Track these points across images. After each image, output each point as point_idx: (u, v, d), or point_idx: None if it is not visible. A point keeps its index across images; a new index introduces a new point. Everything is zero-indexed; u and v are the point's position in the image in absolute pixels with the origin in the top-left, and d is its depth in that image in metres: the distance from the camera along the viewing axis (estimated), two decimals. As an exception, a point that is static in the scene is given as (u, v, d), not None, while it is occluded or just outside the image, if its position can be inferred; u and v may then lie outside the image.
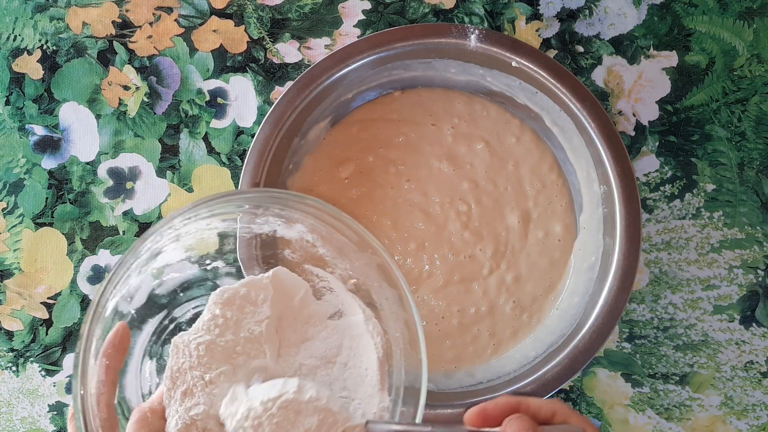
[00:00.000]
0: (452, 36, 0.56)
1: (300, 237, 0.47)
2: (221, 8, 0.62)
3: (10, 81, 0.62)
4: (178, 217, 0.41)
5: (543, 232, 0.59)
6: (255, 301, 0.46)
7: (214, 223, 0.46)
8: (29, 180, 0.61)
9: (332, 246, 0.46)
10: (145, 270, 0.45)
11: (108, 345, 0.40)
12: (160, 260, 0.45)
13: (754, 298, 0.60)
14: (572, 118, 0.56)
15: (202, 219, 0.44)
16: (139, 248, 0.41)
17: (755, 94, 0.62)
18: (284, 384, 0.40)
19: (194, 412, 0.41)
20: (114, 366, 0.40)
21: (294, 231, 0.47)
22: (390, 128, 0.60)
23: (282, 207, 0.45)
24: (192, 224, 0.44)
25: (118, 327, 0.41)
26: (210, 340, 0.43)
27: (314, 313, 0.48)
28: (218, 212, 0.44)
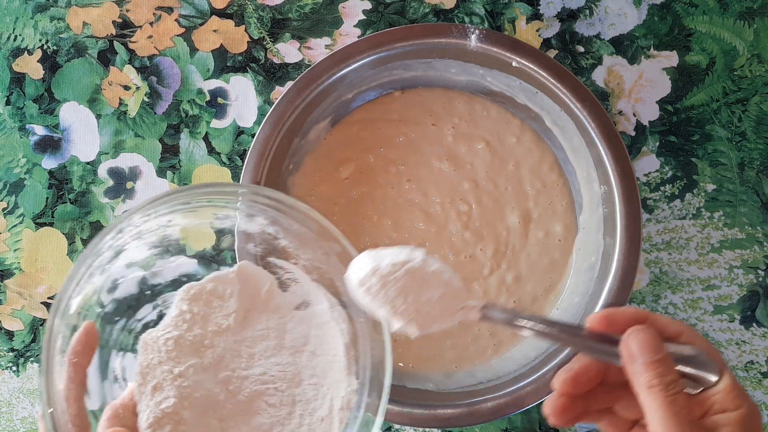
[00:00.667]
0: (452, 36, 0.56)
1: (261, 230, 0.48)
2: (221, 8, 0.62)
3: (10, 81, 0.62)
4: (136, 214, 0.42)
5: (543, 232, 0.59)
6: (222, 295, 0.47)
7: (175, 219, 0.46)
8: (29, 180, 0.61)
9: (293, 237, 0.47)
10: (108, 268, 0.45)
11: (76, 343, 0.40)
12: (123, 258, 0.46)
13: (754, 298, 0.60)
14: (572, 118, 0.56)
15: (163, 216, 0.44)
16: (98, 246, 0.41)
17: (755, 94, 0.62)
18: (411, 252, 0.41)
19: (164, 406, 0.42)
20: (82, 364, 0.40)
21: (255, 224, 0.48)
22: (390, 128, 0.60)
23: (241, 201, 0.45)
24: (153, 221, 0.44)
25: (85, 326, 0.42)
26: (178, 335, 0.45)
27: (281, 304, 0.49)
28: (178, 209, 0.44)
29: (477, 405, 0.53)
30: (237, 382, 0.45)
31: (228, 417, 0.44)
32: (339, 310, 0.47)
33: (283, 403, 0.45)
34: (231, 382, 0.45)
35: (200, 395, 0.44)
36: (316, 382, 0.46)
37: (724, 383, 0.35)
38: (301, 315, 0.48)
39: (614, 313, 0.37)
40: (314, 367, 0.47)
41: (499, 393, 0.53)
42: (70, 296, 0.41)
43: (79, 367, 0.40)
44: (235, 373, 0.46)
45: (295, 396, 0.46)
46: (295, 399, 0.46)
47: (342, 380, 0.45)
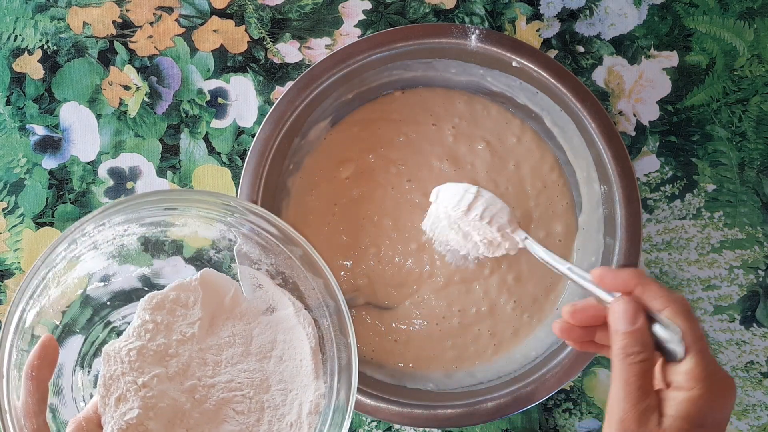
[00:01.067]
0: (453, 36, 0.56)
1: (221, 236, 0.48)
2: (222, 8, 0.62)
3: (10, 81, 0.62)
4: (88, 223, 0.41)
5: (544, 232, 0.59)
6: (186, 303, 0.47)
7: (132, 228, 0.46)
8: (30, 180, 0.61)
9: (254, 243, 0.47)
10: (65, 280, 0.45)
11: (34, 357, 0.40)
12: (80, 269, 0.45)
13: (754, 298, 0.60)
14: (573, 118, 0.56)
15: (119, 225, 0.44)
16: (50, 256, 0.41)
17: (756, 94, 0.62)
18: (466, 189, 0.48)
19: (129, 417, 0.42)
20: (42, 378, 0.40)
21: (215, 231, 0.48)
22: (390, 128, 0.60)
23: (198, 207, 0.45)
24: (108, 230, 0.44)
25: (43, 339, 0.41)
26: (141, 345, 0.44)
27: (246, 310, 0.49)
28: (133, 217, 0.44)
29: (477, 405, 0.53)
30: (203, 391, 0.45)
31: (195, 426, 0.44)
32: (304, 314, 0.47)
33: (251, 410, 0.45)
34: (197, 390, 0.45)
35: (165, 405, 0.43)
36: (284, 388, 0.46)
37: (686, 365, 0.37)
38: (267, 320, 0.48)
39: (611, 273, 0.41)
40: (282, 372, 0.46)
41: (499, 393, 0.54)
42: (24, 309, 0.40)
43: (39, 381, 0.39)
44: (201, 382, 0.45)
45: (264, 402, 0.46)
46: (264, 405, 0.46)
47: (310, 384, 0.45)
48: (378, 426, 0.59)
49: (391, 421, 0.54)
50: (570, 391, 0.60)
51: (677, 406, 0.36)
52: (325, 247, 0.58)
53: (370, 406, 0.53)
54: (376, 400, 0.53)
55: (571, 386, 0.60)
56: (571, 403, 0.60)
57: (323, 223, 0.58)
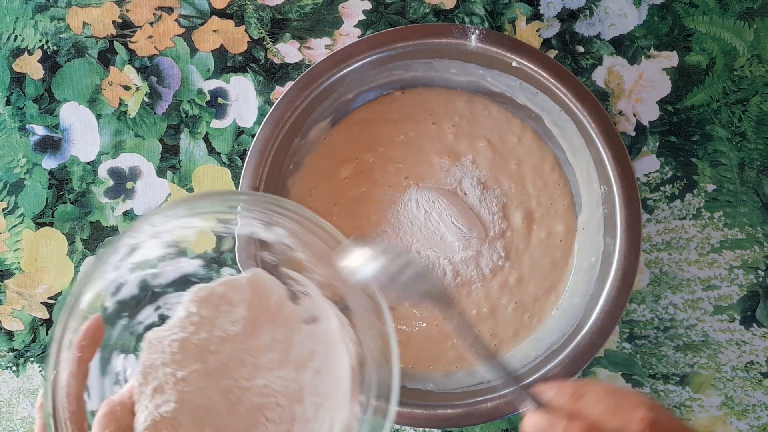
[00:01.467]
0: (453, 36, 0.56)
1: (279, 240, 0.47)
2: (222, 8, 0.62)
3: (10, 81, 0.62)
4: (157, 216, 0.41)
5: (545, 232, 0.59)
6: (231, 300, 0.46)
7: (192, 221, 0.45)
8: (29, 180, 0.61)
9: (311, 251, 0.46)
10: (121, 265, 0.44)
11: (82, 337, 0.40)
12: (138, 256, 0.45)
13: (754, 298, 0.60)
14: (573, 118, 0.56)
15: (182, 218, 0.44)
16: (117, 245, 0.41)
17: (756, 94, 0.62)
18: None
19: (164, 410, 0.41)
20: (86, 358, 0.40)
21: (273, 234, 0.47)
22: (390, 127, 0.60)
23: (262, 210, 0.45)
24: (171, 222, 0.44)
25: (93, 319, 0.41)
26: (184, 337, 0.43)
27: (290, 316, 0.48)
28: (198, 212, 0.44)
29: (477, 405, 0.53)
30: (238, 393, 0.44)
31: (224, 427, 0.43)
32: (349, 331, 0.45)
33: (282, 420, 0.44)
34: (232, 392, 0.44)
35: (200, 403, 0.43)
36: (318, 402, 0.45)
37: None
38: (309, 330, 0.47)
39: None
40: (317, 385, 0.45)
41: (499, 393, 0.53)
42: (81, 292, 0.40)
43: (82, 362, 0.39)
44: (238, 383, 0.44)
45: (296, 413, 0.45)
46: (295, 417, 0.44)
47: (345, 404, 0.44)
48: (378, 426, 0.59)
49: (391, 421, 0.54)
50: (570, 392, 0.60)
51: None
52: (325, 247, 0.58)
53: (370, 406, 0.53)
54: (376, 400, 0.53)
55: (571, 386, 0.60)
56: (571, 403, 0.60)
57: (323, 223, 0.58)
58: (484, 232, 0.58)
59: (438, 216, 0.57)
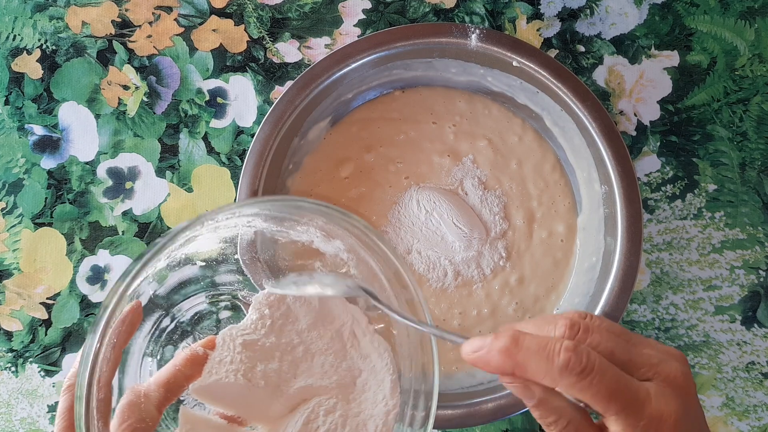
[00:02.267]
0: (453, 35, 0.56)
1: (335, 253, 0.46)
2: (221, 7, 0.62)
3: (9, 80, 0.62)
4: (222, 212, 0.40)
5: (547, 232, 0.58)
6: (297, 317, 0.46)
7: (255, 222, 0.45)
8: (28, 180, 0.61)
9: (365, 270, 0.45)
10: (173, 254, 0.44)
11: (119, 323, 0.38)
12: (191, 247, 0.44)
13: (755, 298, 0.60)
14: (573, 117, 0.56)
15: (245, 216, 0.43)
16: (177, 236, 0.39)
17: (757, 93, 0.62)
18: None
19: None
20: (120, 344, 0.39)
21: (331, 246, 0.46)
22: (390, 127, 0.60)
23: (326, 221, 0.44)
24: (234, 219, 0.43)
25: (133, 305, 0.40)
26: (256, 339, 0.43)
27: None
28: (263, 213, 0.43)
29: (477, 406, 0.53)
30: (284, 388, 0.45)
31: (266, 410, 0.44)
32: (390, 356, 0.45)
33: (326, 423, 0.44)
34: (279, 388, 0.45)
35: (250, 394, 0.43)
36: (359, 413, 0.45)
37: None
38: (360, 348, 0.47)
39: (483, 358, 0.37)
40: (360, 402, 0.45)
41: (499, 394, 0.53)
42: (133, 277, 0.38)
43: (116, 348, 0.38)
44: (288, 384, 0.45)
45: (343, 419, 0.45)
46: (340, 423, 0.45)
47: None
48: (378, 427, 0.59)
49: (391, 422, 0.53)
50: (570, 392, 0.60)
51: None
52: (324, 247, 0.58)
53: (369, 407, 0.53)
54: (376, 401, 0.53)
55: (572, 387, 0.60)
56: (571, 403, 0.60)
57: (323, 224, 0.58)
58: (485, 232, 0.58)
59: (439, 216, 0.57)
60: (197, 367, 0.41)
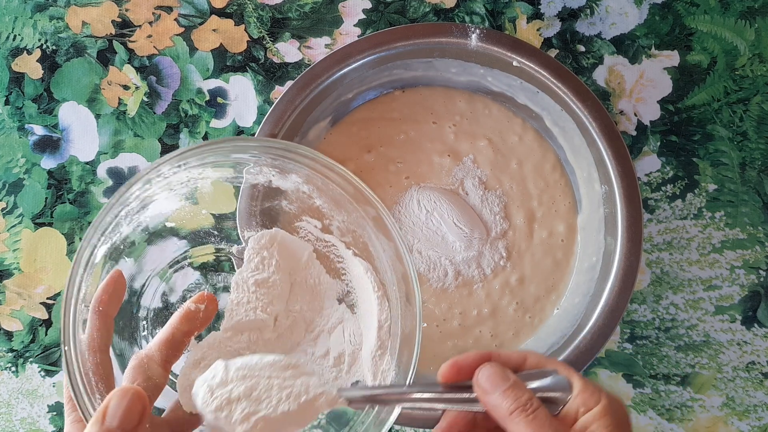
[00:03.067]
0: (453, 35, 0.56)
1: (296, 188, 0.47)
2: (221, 7, 0.62)
3: (9, 80, 0.62)
4: (164, 164, 0.41)
5: (547, 232, 0.58)
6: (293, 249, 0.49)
7: (206, 172, 0.46)
8: (28, 180, 0.61)
9: (328, 197, 0.47)
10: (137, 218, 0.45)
11: (102, 291, 0.40)
12: (153, 209, 0.45)
13: (755, 298, 0.60)
14: (573, 117, 0.56)
15: (193, 168, 0.44)
16: (124, 195, 0.40)
17: (757, 93, 0.62)
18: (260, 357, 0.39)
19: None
20: (109, 312, 0.40)
21: (289, 182, 0.47)
22: (390, 127, 0.60)
23: (273, 157, 0.45)
24: (183, 173, 0.44)
25: (113, 273, 0.41)
26: (266, 277, 0.46)
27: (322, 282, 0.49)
28: (209, 161, 0.44)
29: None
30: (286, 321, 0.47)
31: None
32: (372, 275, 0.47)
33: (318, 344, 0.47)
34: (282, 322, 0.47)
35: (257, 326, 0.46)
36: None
37: (577, 387, 0.35)
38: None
39: (459, 360, 0.38)
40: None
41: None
42: (95, 245, 0.40)
43: (105, 316, 0.39)
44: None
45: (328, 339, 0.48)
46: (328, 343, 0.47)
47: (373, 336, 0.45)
48: (378, 427, 0.59)
49: (392, 421, 0.53)
50: (571, 392, 0.60)
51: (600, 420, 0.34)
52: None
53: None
54: (377, 401, 0.53)
55: (572, 387, 0.60)
56: (571, 403, 0.60)
57: (323, 223, 0.58)
58: (486, 232, 0.58)
59: (439, 216, 0.57)
60: (193, 323, 0.43)
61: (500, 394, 0.35)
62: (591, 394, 0.35)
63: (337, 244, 0.48)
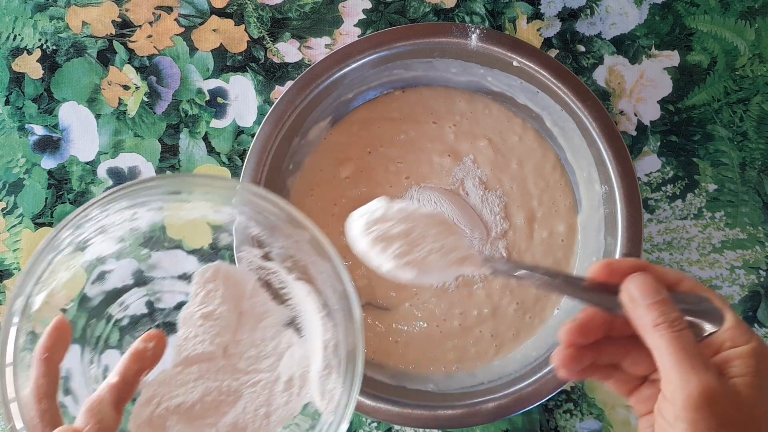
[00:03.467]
0: (453, 35, 0.56)
1: (230, 219, 0.48)
2: (221, 7, 0.62)
3: (9, 80, 0.62)
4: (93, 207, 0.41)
5: (547, 232, 0.58)
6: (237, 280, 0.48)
7: (140, 212, 0.46)
8: (29, 180, 0.61)
9: (264, 225, 0.47)
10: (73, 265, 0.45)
11: (47, 338, 0.40)
12: (90, 253, 0.46)
13: (756, 298, 0.60)
14: (573, 117, 0.56)
15: (126, 209, 0.44)
16: (55, 240, 0.41)
17: (757, 93, 0.62)
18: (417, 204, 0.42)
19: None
20: (54, 359, 0.40)
21: (223, 215, 0.48)
22: (390, 127, 0.60)
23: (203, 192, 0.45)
24: (114, 215, 0.44)
25: (56, 320, 0.41)
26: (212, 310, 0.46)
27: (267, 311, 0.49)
28: (139, 201, 0.44)
29: (478, 406, 0.53)
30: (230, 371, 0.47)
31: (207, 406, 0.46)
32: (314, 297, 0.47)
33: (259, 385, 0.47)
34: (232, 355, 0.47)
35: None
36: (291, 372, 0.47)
37: (729, 322, 0.34)
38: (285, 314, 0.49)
39: (614, 263, 0.37)
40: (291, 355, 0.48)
41: (500, 394, 0.53)
42: (29, 294, 0.40)
43: (50, 362, 0.39)
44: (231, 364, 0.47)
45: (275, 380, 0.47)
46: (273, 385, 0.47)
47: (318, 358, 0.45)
48: (378, 427, 0.59)
49: (392, 421, 0.53)
50: (571, 392, 0.60)
51: (744, 360, 0.33)
52: (325, 247, 0.58)
53: (370, 407, 0.53)
54: (377, 401, 0.53)
55: (572, 387, 0.60)
56: (572, 404, 0.60)
57: (323, 224, 0.58)
58: (486, 232, 0.58)
59: None
60: (143, 362, 0.43)
61: (648, 306, 0.34)
62: (742, 333, 0.34)
63: (278, 270, 0.48)
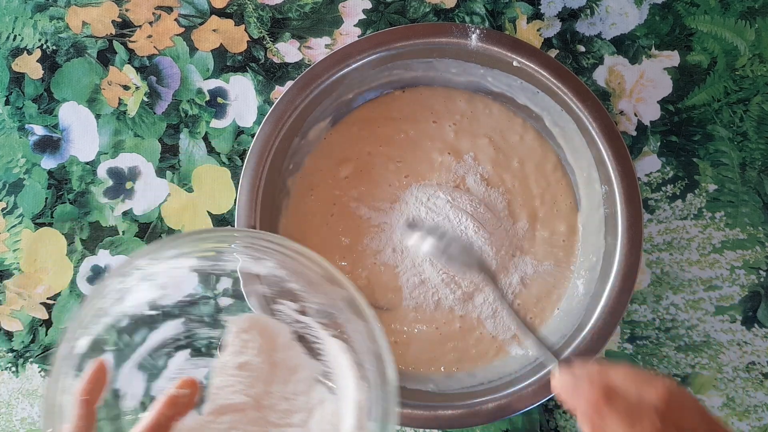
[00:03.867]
0: (453, 35, 0.56)
1: (269, 272, 0.49)
2: (221, 8, 0.62)
3: (9, 81, 0.62)
4: (141, 260, 0.43)
5: (549, 232, 0.58)
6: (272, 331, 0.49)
7: (183, 261, 0.47)
8: (29, 180, 0.61)
9: (303, 280, 0.48)
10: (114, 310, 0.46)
11: (87, 381, 0.42)
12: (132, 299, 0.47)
13: (756, 298, 0.60)
14: (573, 117, 0.56)
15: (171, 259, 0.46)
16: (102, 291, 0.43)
17: (757, 93, 0.62)
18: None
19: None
20: (92, 400, 0.42)
21: (262, 267, 0.49)
22: (390, 126, 0.60)
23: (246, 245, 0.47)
24: (160, 264, 0.46)
25: (96, 364, 0.42)
26: (247, 360, 0.47)
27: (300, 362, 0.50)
28: (186, 251, 0.46)
29: (478, 406, 0.53)
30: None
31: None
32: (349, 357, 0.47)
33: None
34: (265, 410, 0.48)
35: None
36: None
37: None
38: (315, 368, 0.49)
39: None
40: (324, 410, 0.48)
41: (500, 394, 0.53)
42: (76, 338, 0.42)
43: (88, 404, 0.41)
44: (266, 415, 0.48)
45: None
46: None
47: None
48: (378, 427, 0.59)
49: (392, 422, 0.53)
50: (571, 392, 0.60)
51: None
52: (324, 247, 0.58)
53: (370, 407, 0.53)
54: (377, 401, 0.53)
55: (572, 387, 0.60)
56: (571, 403, 0.60)
57: (322, 223, 0.58)
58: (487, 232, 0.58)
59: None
60: (177, 407, 0.43)
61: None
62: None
63: (313, 326, 0.49)
